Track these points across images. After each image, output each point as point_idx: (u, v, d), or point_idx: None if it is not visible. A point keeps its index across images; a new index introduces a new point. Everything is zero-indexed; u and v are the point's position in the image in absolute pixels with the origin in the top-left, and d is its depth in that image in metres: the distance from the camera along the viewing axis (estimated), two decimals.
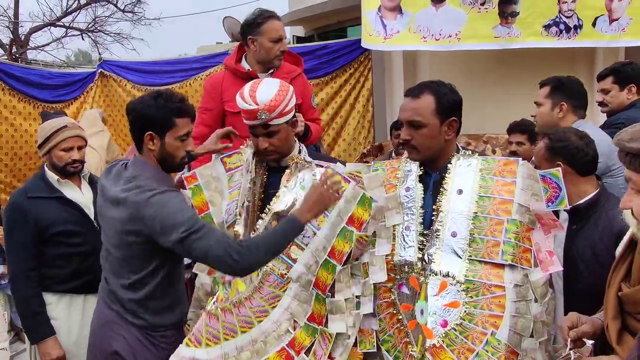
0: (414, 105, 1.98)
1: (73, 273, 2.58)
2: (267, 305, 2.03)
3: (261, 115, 2.11)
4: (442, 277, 1.88)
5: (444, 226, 1.93)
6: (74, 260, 2.57)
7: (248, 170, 2.24)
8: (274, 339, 1.99)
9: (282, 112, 2.15)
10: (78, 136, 2.61)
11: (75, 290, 2.60)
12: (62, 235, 2.55)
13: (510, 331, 1.81)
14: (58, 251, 2.55)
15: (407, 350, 1.91)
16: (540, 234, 1.90)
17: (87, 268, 2.58)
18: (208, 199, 2.30)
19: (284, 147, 2.22)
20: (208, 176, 2.32)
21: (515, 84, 4.80)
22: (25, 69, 5.59)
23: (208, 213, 2.29)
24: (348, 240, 2.02)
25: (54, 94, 5.39)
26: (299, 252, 2.04)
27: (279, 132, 2.17)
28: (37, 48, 16.30)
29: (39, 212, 2.51)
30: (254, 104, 2.10)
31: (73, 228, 2.57)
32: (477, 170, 1.97)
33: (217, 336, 2.02)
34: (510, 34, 4.28)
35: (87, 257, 2.57)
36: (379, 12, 4.28)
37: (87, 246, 2.57)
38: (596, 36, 4.25)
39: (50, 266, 2.55)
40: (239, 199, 2.20)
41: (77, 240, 2.57)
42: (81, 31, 16.49)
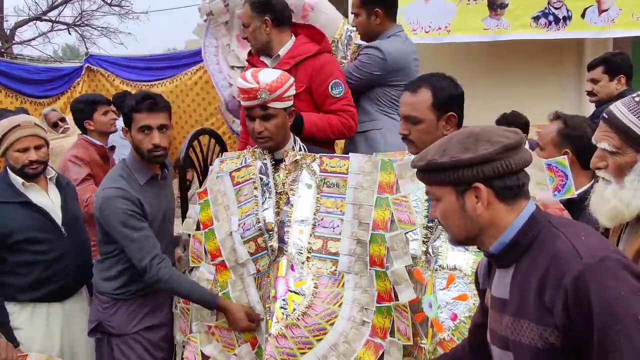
0: (411, 100, 1.98)
1: (35, 282, 2.36)
2: (333, 306, 1.99)
3: (261, 94, 2.11)
4: (449, 271, 1.86)
5: None
6: (36, 268, 2.36)
7: (267, 184, 2.20)
8: (355, 336, 1.95)
9: (282, 96, 2.15)
10: (34, 135, 2.38)
11: (40, 299, 2.39)
12: (25, 242, 2.33)
13: None
14: (20, 259, 2.34)
15: (416, 341, 1.90)
16: None
17: (52, 276, 2.39)
18: (213, 214, 2.28)
19: (279, 135, 2.20)
20: (217, 191, 2.31)
21: (504, 75, 4.81)
22: (10, 63, 5.52)
23: (212, 228, 2.27)
24: (385, 206, 2.00)
25: (41, 89, 5.33)
26: (335, 244, 2.03)
27: (276, 116, 2.16)
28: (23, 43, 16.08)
29: (1, 218, 2.31)
30: (255, 82, 2.12)
31: (38, 235, 2.35)
32: None
33: (292, 354, 1.95)
34: (499, 26, 4.29)
35: (52, 264, 2.38)
36: None
37: (53, 253, 2.38)
38: (585, 27, 4.26)
39: (11, 274, 2.35)
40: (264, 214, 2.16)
41: (41, 248, 2.36)
42: (68, 25, 16.28)
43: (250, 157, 2.30)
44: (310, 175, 2.15)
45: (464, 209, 1.23)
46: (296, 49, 2.64)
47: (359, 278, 1.99)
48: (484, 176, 1.20)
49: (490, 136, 1.21)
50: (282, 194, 2.19)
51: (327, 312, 1.99)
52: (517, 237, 1.22)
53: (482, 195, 1.20)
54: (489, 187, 1.21)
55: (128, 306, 2.34)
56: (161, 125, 2.26)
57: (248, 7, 2.65)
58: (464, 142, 1.22)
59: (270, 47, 2.67)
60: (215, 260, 2.25)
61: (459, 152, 1.21)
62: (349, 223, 2.03)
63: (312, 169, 2.15)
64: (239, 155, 2.36)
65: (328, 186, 2.11)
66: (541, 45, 4.57)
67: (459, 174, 1.21)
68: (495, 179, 1.20)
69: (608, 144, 1.44)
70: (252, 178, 2.23)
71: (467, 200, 1.22)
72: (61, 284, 2.41)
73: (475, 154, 1.19)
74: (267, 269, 2.16)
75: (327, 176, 2.12)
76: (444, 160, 1.21)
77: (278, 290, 2.03)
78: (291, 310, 1.99)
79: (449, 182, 1.23)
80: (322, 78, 2.56)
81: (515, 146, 1.21)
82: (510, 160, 1.20)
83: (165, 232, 2.39)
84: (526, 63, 4.75)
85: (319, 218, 2.08)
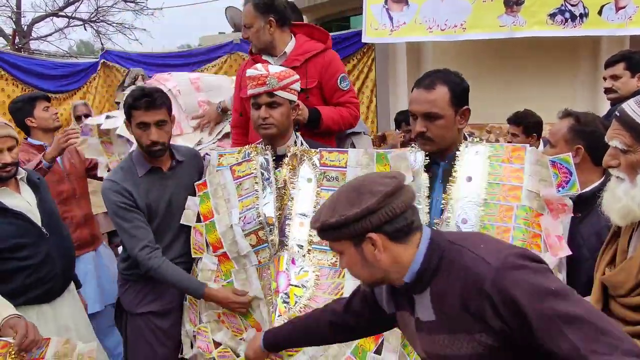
0: (430, 97, 1.96)
1: (20, 288, 2.23)
2: (334, 297, 2.03)
3: (270, 80, 2.19)
4: None
5: (454, 213, 1.93)
6: (21, 274, 2.24)
7: (267, 179, 2.24)
8: None
9: (288, 86, 2.24)
10: (7, 136, 2.25)
11: (27, 303, 2.25)
12: (6, 251, 2.20)
13: None
14: (3, 267, 2.20)
15: None
16: (549, 219, 1.91)
17: (38, 280, 2.28)
18: (213, 206, 2.33)
19: (283, 125, 2.26)
20: (216, 184, 2.35)
21: (519, 73, 4.78)
22: (28, 59, 5.60)
23: (212, 220, 2.31)
24: None
25: (57, 84, 5.41)
26: None
27: (281, 105, 2.24)
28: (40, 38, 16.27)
29: None
30: (265, 70, 2.21)
31: (19, 241, 2.23)
32: (486, 157, 1.97)
33: None
34: (515, 23, 4.25)
35: (38, 268, 2.28)
36: (385, 5, 4.34)
37: (38, 257, 2.28)
38: (602, 25, 4.21)
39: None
40: (264, 208, 2.20)
41: (24, 254, 2.24)
42: (83, 21, 16.43)
43: (252, 152, 2.33)
44: (310, 169, 2.20)
45: (365, 258, 1.32)
46: (302, 47, 2.73)
47: None
48: (373, 226, 1.29)
49: (371, 187, 1.31)
50: (285, 189, 2.22)
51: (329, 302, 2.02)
52: (423, 265, 1.32)
53: (377, 243, 1.30)
54: (381, 233, 1.30)
55: (136, 287, 2.45)
56: (159, 121, 2.30)
57: (251, 7, 2.70)
58: (349, 198, 1.31)
59: (274, 47, 2.75)
60: (217, 252, 2.30)
61: (345, 209, 1.30)
62: None
63: (312, 163, 2.20)
64: (240, 150, 2.39)
65: (328, 180, 2.16)
66: (556, 43, 4.53)
67: (350, 229, 1.30)
68: (385, 225, 1.29)
69: (620, 142, 1.44)
70: (253, 173, 2.27)
71: (365, 249, 1.31)
72: (48, 287, 2.32)
73: (360, 208, 1.28)
74: (268, 261, 2.20)
75: (327, 170, 2.17)
76: (334, 220, 1.30)
77: (280, 284, 2.08)
78: (293, 303, 2.05)
79: (345, 237, 1.32)
80: (331, 73, 2.68)
81: (395, 191, 1.30)
82: (393, 206, 1.29)
83: (171, 221, 2.41)
84: (540, 60, 4.71)
85: None
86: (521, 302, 1.19)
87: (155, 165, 2.41)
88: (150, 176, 2.39)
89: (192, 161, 2.51)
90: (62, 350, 1.96)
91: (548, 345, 1.19)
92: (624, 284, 1.47)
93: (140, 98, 2.27)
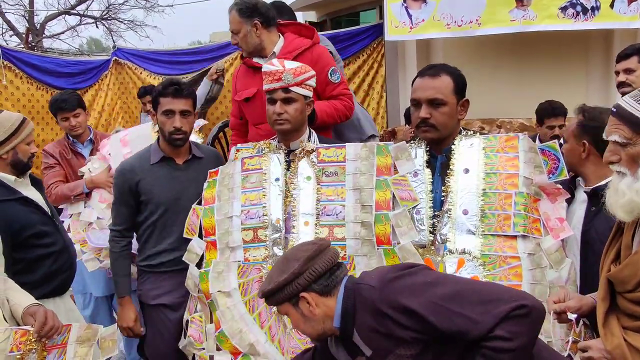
0: (435, 84, 2.04)
1: (46, 276, 2.32)
2: None
3: (286, 76, 2.21)
4: (458, 255, 1.93)
5: (454, 205, 1.98)
6: (46, 262, 2.32)
7: (277, 179, 2.25)
8: None
9: (304, 82, 2.26)
10: (32, 130, 2.39)
11: (47, 295, 2.30)
12: (33, 237, 2.28)
13: None
14: (32, 255, 2.28)
15: None
16: (547, 204, 1.97)
17: (59, 269, 2.36)
18: (217, 193, 2.35)
19: (297, 121, 2.27)
20: (226, 173, 2.38)
21: (529, 67, 4.75)
22: (41, 57, 5.66)
23: (212, 206, 2.34)
24: (386, 187, 2.06)
25: (70, 82, 5.46)
26: (341, 230, 2.10)
27: (296, 101, 2.25)
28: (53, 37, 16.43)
29: (9, 216, 2.21)
30: (281, 66, 2.23)
31: (43, 228, 2.32)
32: (480, 149, 2.03)
33: None
34: (525, 17, 4.23)
35: (58, 256, 2.36)
36: (404, 3, 4.40)
37: (57, 246, 2.36)
38: (614, 17, 4.17)
39: (23, 272, 2.24)
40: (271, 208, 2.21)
41: (47, 241, 2.32)
42: (95, 19, 16.57)
43: (265, 148, 2.35)
44: (309, 166, 2.21)
45: (304, 315, 1.54)
46: (290, 45, 2.80)
47: (368, 259, 2.05)
48: (302, 287, 1.52)
49: (296, 254, 1.57)
50: (287, 187, 2.24)
51: None
52: (342, 309, 1.53)
53: (310, 300, 1.52)
54: (311, 292, 1.53)
55: (150, 279, 2.52)
56: (183, 110, 2.41)
57: (235, 13, 2.75)
58: (280, 267, 1.56)
59: (263, 48, 2.81)
60: (208, 238, 2.32)
61: (279, 276, 1.53)
62: (351, 208, 2.10)
63: (311, 160, 2.21)
64: (255, 145, 2.42)
65: (327, 175, 2.17)
66: (568, 36, 4.49)
67: (285, 293, 1.53)
68: (312, 284, 1.53)
69: (619, 136, 1.46)
70: (263, 169, 2.28)
71: (303, 307, 1.54)
72: (66, 276, 2.41)
73: (288, 274, 1.51)
74: (261, 260, 2.19)
75: (325, 166, 2.18)
76: (271, 287, 1.53)
77: None
78: None
79: (284, 300, 1.55)
80: (321, 67, 2.68)
81: (315, 255, 1.54)
82: (315, 267, 1.53)
83: (178, 214, 2.46)
84: (552, 54, 4.68)
85: (321, 207, 2.14)
86: (409, 304, 1.39)
87: (169, 155, 2.48)
88: (162, 165, 2.48)
89: (213, 160, 2.56)
90: (85, 335, 2.00)
91: (449, 328, 1.36)
92: (630, 280, 1.48)
93: (168, 86, 2.41)
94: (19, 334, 1.76)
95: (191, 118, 2.46)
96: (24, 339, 1.76)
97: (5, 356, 1.72)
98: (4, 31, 15.26)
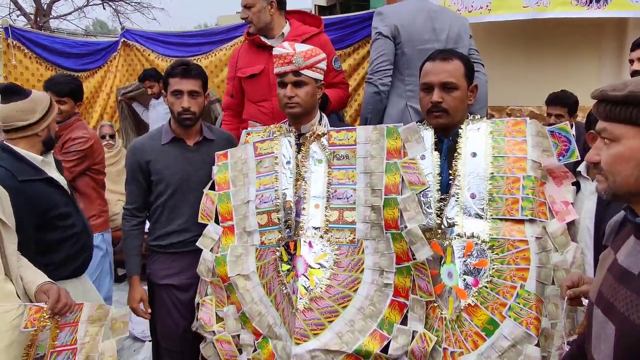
0: (447, 67, 2.04)
1: (67, 257, 2.35)
2: (355, 273, 2.07)
3: (297, 59, 2.22)
4: (466, 239, 1.93)
5: (462, 189, 1.98)
6: (67, 243, 2.35)
7: (288, 162, 2.25)
8: (379, 297, 2.04)
9: (314, 65, 2.26)
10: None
11: (67, 277, 2.34)
12: (56, 218, 2.30)
13: (535, 281, 1.87)
14: (54, 236, 2.30)
15: (436, 314, 1.96)
16: (553, 187, 1.96)
17: (80, 250, 2.40)
18: (231, 179, 2.36)
19: (308, 104, 2.27)
20: (238, 157, 2.38)
21: (540, 55, 4.70)
22: (50, 37, 5.64)
23: (227, 192, 2.35)
24: (395, 171, 2.05)
25: (79, 63, 5.45)
26: (351, 213, 2.10)
27: (307, 84, 2.26)
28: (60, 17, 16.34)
29: (35, 196, 2.22)
30: (291, 49, 2.23)
31: (66, 210, 2.34)
32: (488, 133, 2.03)
33: (320, 324, 2.05)
34: (539, 4, 4.17)
35: (79, 238, 2.40)
36: None
37: (77, 227, 2.39)
38: (628, 6, 4.11)
39: (46, 253, 2.26)
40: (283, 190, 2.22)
41: (69, 222, 2.35)
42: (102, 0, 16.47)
43: (276, 131, 2.35)
44: (320, 150, 2.20)
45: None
46: (297, 29, 2.89)
47: (377, 243, 2.05)
48: None
49: None
50: (298, 170, 2.24)
51: (350, 279, 2.07)
52: None
53: None
54: None
55: (159, 259, 2.54)
56: (192, 91, 2.41)
57: None
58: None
59: (272, 28, 2.90)
60: (225, 223, 2.34)
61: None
62: (361, 192, 2.09)
63: (321, 144, 2.20)
64: (266, 129, 2.42)
65: (338, 159, 2.16)
66: (580, 24, 4.44)
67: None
68: None
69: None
70: (274, 153, 2.28)
71: None
72: (85, 256, 2.45)
73: None
74: (276, 243, 2.21)
75: (336, 149, 2.17)
76: (627, 92, 1.09)
77: (298, 268, 2.10)
78: (313, 285, 2.07)
79: (633, 120, 1.10)
80: (327, 53, 2.72)
81: None
82: None
83: (187, 195, 2.48)
84: (564, 42, 4.63)
85: (332, 190, 2.14)
86: None
87: (180, 136, 2.49)
88: (173, 146, 2.49)
89: (224, 143, 2.56)
90: (96, 315, 2.03)
91: None
92: None
93: (177, 67, 2.43)
94: (33, 310, 1.78)
95: (201, 99, 2.46)
96: (37, 315, 1.78)
97: (20, 332, 1.74)
98: (11, 11, 15.21)
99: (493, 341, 1.85)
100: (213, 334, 2.34)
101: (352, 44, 4.71)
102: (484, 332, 1.86)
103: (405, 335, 1.98)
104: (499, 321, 1.86)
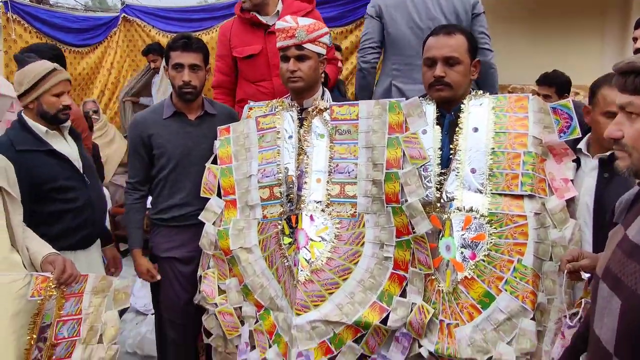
0: (450, 42, 2.04)
1: (66, 230, 2.33)
2: (356, 247, 2.10)
3: (299, 32, 2.21)
4: (465, 213, 1.95)
5: (462, 163, 1.99)
6: (67, 217, 2.32)
7: (290, 137, 2.26)
8: (379, 270, 2.06)
9: (317, 39, 2.25)
10: (67, 80, 2.36)
11: (67, 248, 2.32)
12: (54, 191, 2.27)
13: (533, 256, 1.89)
14: (51, 208, 2.28)
15: (434, 286, 1.99)
16: (553, 164, 1.98)
17: (81, 224, 2.37)
18: (233, 153, 2.37)
19: (311, 78, 2.28)
20: (240, 132, 2.39)
21: (543, 33, 4.68)
22: (50, 11, 5.60)
23: (229, 166, 2.37)
24: (397, 145, 2.06)
25: (79, 38, 5.43)
26: (353, 187, 2.12)
27: (310, 58, 2.26)
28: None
29: (32, 167, 2.21)
30: (294, 22, 2.23)
31: (66, 183, 2.31)
32: (490, 109, 2.03)
33: (321, 295, 2.07)
34: None
35: (81, 212, 2.36)
36: None
37: (80, 201, 2.36)
38: None
39: (42, 224, 2.21)
40: (285, 164, 2.23)
41: (70, 196, 2.32)
42: None
43: (278, 106, 2.36)
44: (322, 124, 2.21)
45: None
46: (291, 6, 2.89)
47: (377, 216, 2.07)
48: None
49: None
50: (300, 144, 2.25)
51: (351, 252, 2.09)
52: None
53: None
54: None
55: (162, 232, 2.57)
56: (193, 64, 2.41)
57: None
58: None
59: (267, 4, 2.89)
60: (227, 197, 2.35)
61: None
62: (363, 166, 2.10)
63: (324, 118, 2.21)
64: (268, 104, 2.43)
65: (340, 133, 2.16)
66: (583, 2, 4.41)
67: None
68: None
69: None
70: (277, 127, 2.29)
71: None
72: (88, 231, 2.42)
73: None
74: (278, 216, 2.23)
75: (338, 124, 2.17)
76: None
77: (300, 241, 2.12)
78: (314, 258, 2.09)
79: None
80: None
81: None
82: None
83: (189, 169, 2.50)
84: (567, 20, 4.60)
85: (334, 165, 2.15)
86: None
87: (181, 110, 2.50)
88: (174, 120, 2.50)
89: (225, 118, 2.57)
90: (100, 286, 2.07)
91: None
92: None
93: (178, 40, 2.43)
94: (39, 280, 1.81)
95: (202, 73, 2.46)
96: (44, 285, 1.82)
97: (27, 301, 1.78)
98: None
99: (489, 314, 1.88)
100: (215, 306, 2.38)
101: (353, 20, 4.70)
102: (480, 304, 1.90)
103: (404, 307, 2.02)
104: (495, 294, 1.88)
